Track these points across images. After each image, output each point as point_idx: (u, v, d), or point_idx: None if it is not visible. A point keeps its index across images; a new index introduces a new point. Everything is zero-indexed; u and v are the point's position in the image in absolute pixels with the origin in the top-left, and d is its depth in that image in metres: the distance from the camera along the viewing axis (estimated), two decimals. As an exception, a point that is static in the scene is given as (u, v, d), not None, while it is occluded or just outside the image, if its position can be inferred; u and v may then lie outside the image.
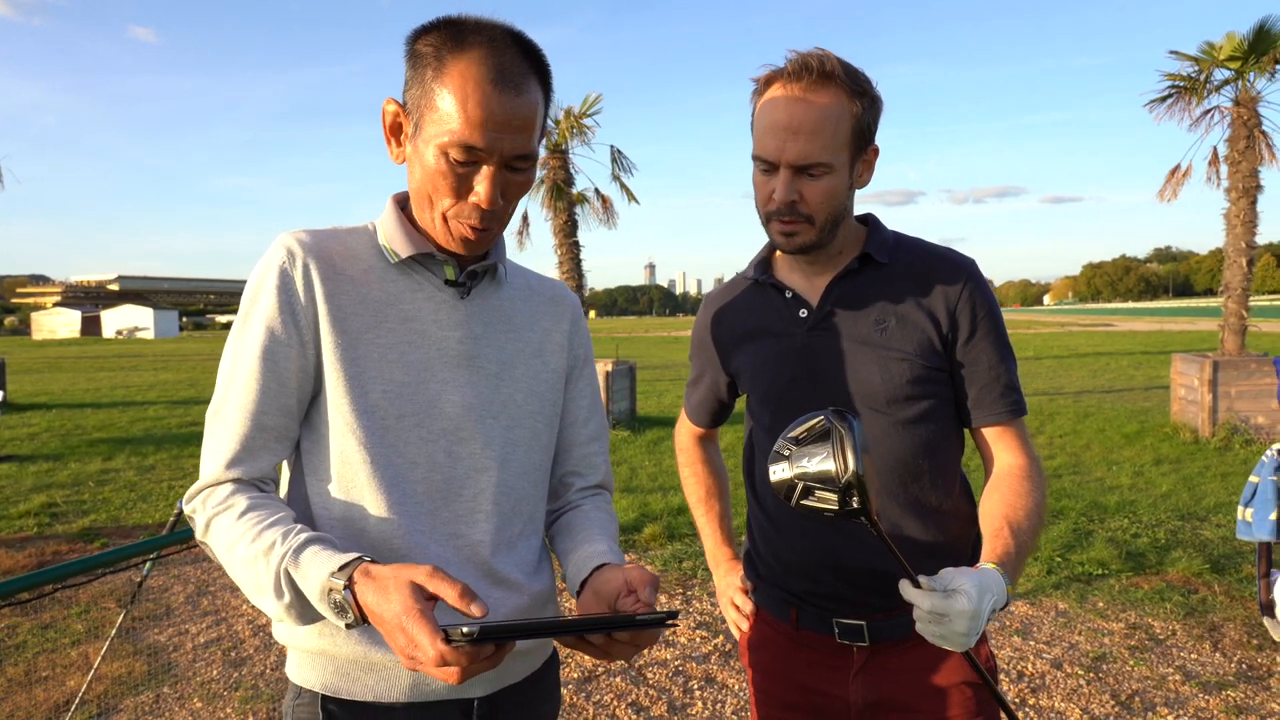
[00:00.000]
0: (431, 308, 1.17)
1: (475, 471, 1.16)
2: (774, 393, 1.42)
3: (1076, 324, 53.61)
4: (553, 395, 1.28)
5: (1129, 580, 4.60)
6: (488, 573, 1.16)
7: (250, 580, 1.01)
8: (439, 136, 1.06)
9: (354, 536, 1.11)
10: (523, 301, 1.27)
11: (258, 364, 1.09)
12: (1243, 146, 9.06)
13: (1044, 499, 1.34)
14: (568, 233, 11.56)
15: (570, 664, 3.72)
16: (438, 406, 1.14)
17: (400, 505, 1.11)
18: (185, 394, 16.93)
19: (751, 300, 1.48)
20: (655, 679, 3.56)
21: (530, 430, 1.23)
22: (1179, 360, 9.51)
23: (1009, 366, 1.38)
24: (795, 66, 1.26)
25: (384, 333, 1.13)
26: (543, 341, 1.27)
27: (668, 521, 5.88)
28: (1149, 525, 5.63)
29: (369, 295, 1.14)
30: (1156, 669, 3.54)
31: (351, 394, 1.10)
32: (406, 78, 1.10)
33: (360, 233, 1.20)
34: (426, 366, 1.15)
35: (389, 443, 1.11)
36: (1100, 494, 6.51)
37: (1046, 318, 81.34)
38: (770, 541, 1.46)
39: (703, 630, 4.07)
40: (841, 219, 1.34)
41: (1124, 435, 9.23)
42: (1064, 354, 23.78)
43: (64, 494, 7.43)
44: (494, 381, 1.19)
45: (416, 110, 1.09)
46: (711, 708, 3.31)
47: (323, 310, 1.11)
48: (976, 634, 1.08)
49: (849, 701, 1.38)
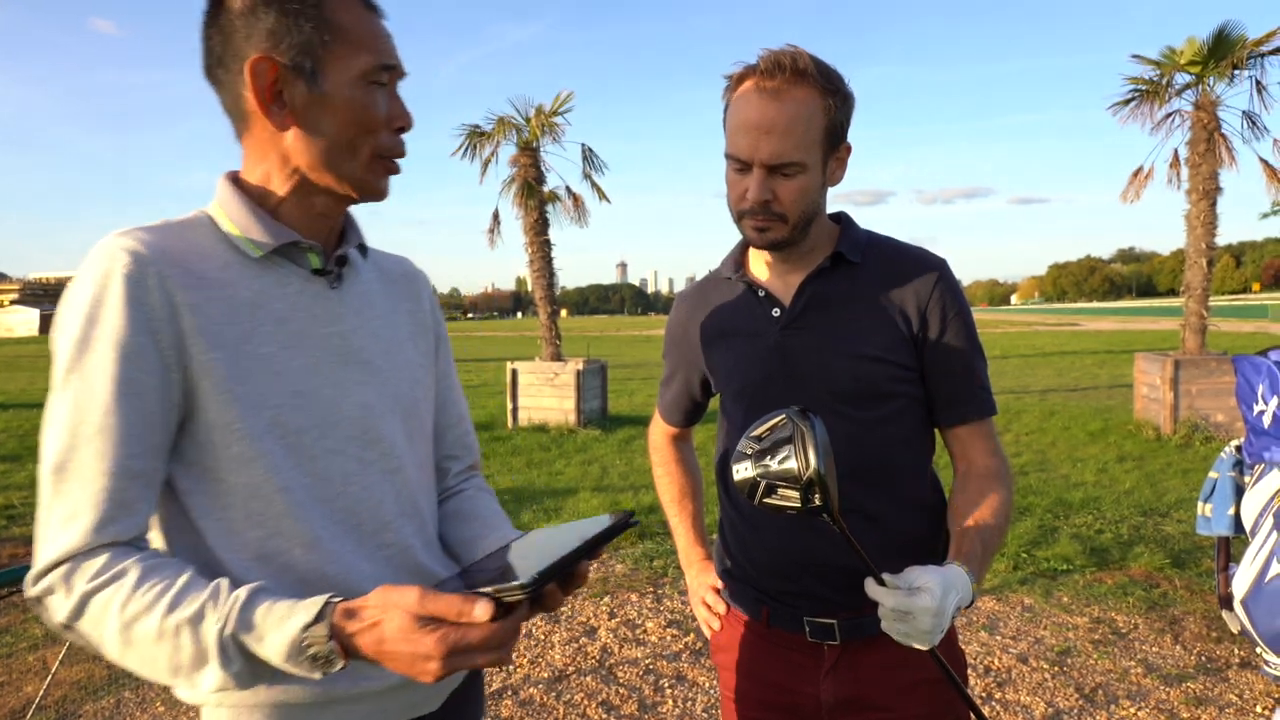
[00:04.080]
0: (305, 303, 1.06)
1: (388, 474, 1.09)
2: (747, 391, 1.41)
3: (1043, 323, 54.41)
4: (429, 380, 1.23)
5: (1093, 575, 4.67)
6: (423, 576, 1.11)
7: (167, 657, 0.86)
8: (361, 66, 1.01)
9: (276, 575, 0.99)
10: (381, 284, 1.20)
11: (114, 398, 0.91)
12: (1203, 149, 9.23)
13: (1010, 498, 1.36)
14: (539, 231, 11.50)
15: (541, 664, 3.70)
16: (338, 412, 1.05)
17: (324, 528, 1.02)
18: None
19: (724, 298, 1.48)
20: (626, 678, 3.55)
21: (420, 421, 1.18)
22: (1141, 359, 9.68)
23: (979, 366, 1.39)
24: (768, 64, 1.25)
25: (262, 340, 1.01)
26: (410, 325, 1.22)
27: (638, 519, 5.87)
28: (1112, 521, 5.72)
29: (236, 298, 1.00)
30: (1119, 662, 3.59)
31: (244, 416, 0.97)
32: (270, 30, 0.98)
33: (197, 225, 1.04)
34: (316, 371, 1.04)
35: (297, 463, 1.01)
36: (1065, 490, 6.61)
37: (1013, 317, 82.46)
38: (743, 540, 1.46)
39: (673, 629, 4.07)
40: (814, 217, 1.34)
41: (1088, 433, 9.37)
42: (1030, 353, 24.11)
43: (21, 495, 7.26)
44: (381, 376, 1.12)
45: (308, 55, 0.99)
46: (682, 706, 3.31)
47: (187, 324, 0.95)
48: (941, 631, 1.08)
49: (820, 700, 1.38)
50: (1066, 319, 66.19)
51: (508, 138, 11.32)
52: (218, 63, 1.02)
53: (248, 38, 0.99)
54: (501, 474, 7.88)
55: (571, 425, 10.48)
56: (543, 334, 11.54)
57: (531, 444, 9.38)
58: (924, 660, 1.32)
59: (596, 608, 4.37)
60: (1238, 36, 8.93)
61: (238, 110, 1.03)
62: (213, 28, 1.02)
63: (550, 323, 11.51)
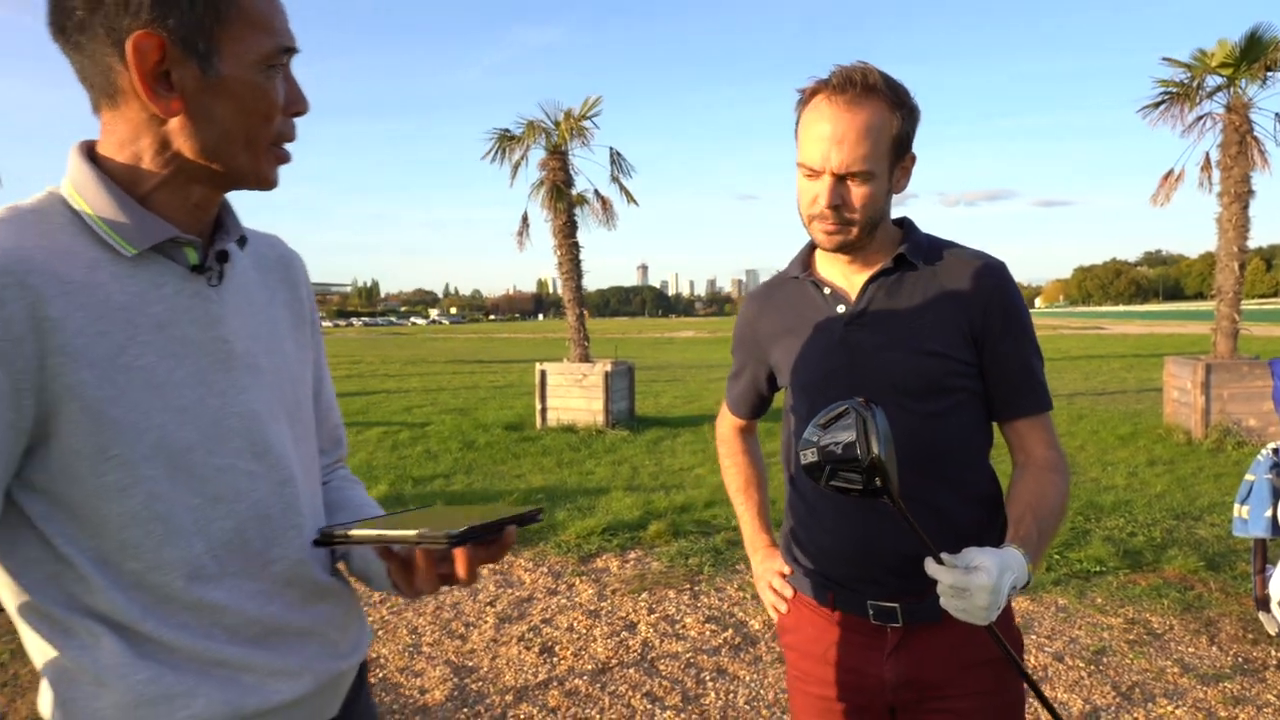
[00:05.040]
0: (184, 305, 0.95)
1: (278, 485, 1.00)
2: (812, 384, 1.49)
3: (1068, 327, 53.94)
4: (309, 376, 1.14)
5: (1126, 577, 4.70)
6: (315, 589, 1.05)
7: None
8: (260, 50, 0.91)
9: (157, 604, 0.91)
10: (258, 274, 1.08)
11: None
12: (1234, 152, 9.19)
13: (1067, 489, 1.43)
14: (567, 233, 11.63)
15: (584, 657, 3.80)
16: (225, 425, 0.96)
17: (209, 554, 0.93)
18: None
19: (792, 297, 1.56)
20: (668, 670, 3.64)
21: (305, 423, 1.10)
22: (1171, 363, 9.64)
23: (1036, 364, 1.47)
24: (840, 80, 1.34)
25: (139, 350, 0.90)
26: (289, 317, 1.12)
27: (672, 519, 5.96)
28: (1145, 524, 5.74)
29: (108, 304, 0.88)
30: (1155, 662, 3.64)
31: (122, 441, 0.87)
32: (150, 2, 0.85)
33: (52, 214, 0.91)
34: (200, 380, 0.94)
35: (183, 485, 0.91)
36: (1096, 494, 6.62)
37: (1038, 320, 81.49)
38: (808, 528, 1.54)
39: (712, 624, 4.15)
40: (880, 221, 1.43)
41: (1118, 437, 9.34)
42: (1056, 356, 23.96)
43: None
44: (265, 379, 1.02)
45: (202, 34, 0.88)
46: (725, 698, 3.39)
47: (51, 342, 0.84)
48: (997, 609, 1.16)
49: (883, 679, 1.45)
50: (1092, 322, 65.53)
51: (537, 141, 11.46)
52: (78, 26, 0.87)
53: (124, 7, 0.85)
54: (533, 473, 7.99)
55: (600, 426, 10.58)
56: (571, 335, 11.66)
57: (561, 444, 9.49)
58: (983, 641, 1.40)
59: (635, 603, 4.46)
60: (1270, 39, 8.89)
61: (105, 83, 0.90)
62: None
63: (579, 324, 11.63)
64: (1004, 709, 1.43)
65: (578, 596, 4.61)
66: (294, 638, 1.02)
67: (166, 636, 0.92)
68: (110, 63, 0.88)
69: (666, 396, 14.54)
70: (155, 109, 0.89)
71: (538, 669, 3.68)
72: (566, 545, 5.48)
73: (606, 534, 5.70)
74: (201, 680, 0.93)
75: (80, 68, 0.91)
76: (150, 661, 0.91)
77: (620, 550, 5.42)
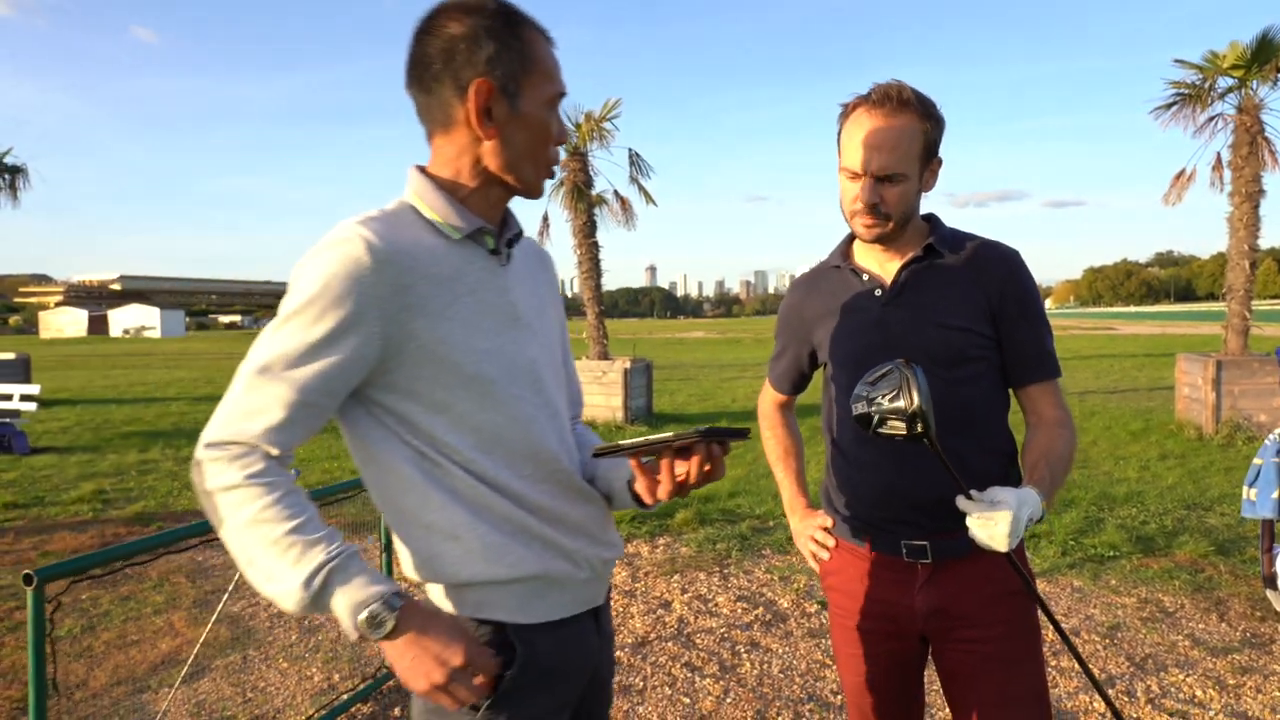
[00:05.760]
0: (487, 277, 1.28)
1: (551, 416, 1.33)
2: (852, 358, 1.70)
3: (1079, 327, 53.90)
4: (563, 340, 1.49)
5: (1139, 561, 4.89)
6: (582, 493, 1.36)
7: (268, 559, 1.09)
8: (547, 94, 1.26)
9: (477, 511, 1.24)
10: (526, 261, 1.41)
11: (318, 344, 1.14)
12: (1245, 153, 9.35)
13: (1074, 441, 1.65)
14: (587, 233, 11.85)
15: (623, 631, 4.01)
16: (515, 365, 1.28)
17: (511, 456, 1.26)
18: (204, 390, 17.22)
19: (834, 283, 1.77)
20: (704, 644, 3.85)
21: (560, 375, 1.43)
22: (1183, 360, 9.80)
23: (1046, 337, 1.68)
24: (879, 95, 1.57)
25: (459, 308, 1.23)
26: (549, 294, 1.46)
27: (698, 508, 6.17)
28: (1156, 513, 5.92)
29: (440, 274, 1.22)
30: (1167, 636, 3.83)
31: (446, 370, 1.21)
32: (489, 57, 1.19)
33: (405, 214, 1.26)
34: (498, 332, 1.27)
35: (491, 406, 1.24)
36: (1109, 486, 6.80)
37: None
38: (849, 480, 1.74)
39: (743, 603, 4.36)
40: (912, 216, 1.65)
41: (1129, 432, 9.51)
42: (1067, 356, 24.06)
43: (110, 482, 7.73)
44: (539, 336, 1.35)
45: (514, 81, 1.22)
46: (760, 667, 3.60)
47: (408, 299, 1.18)
48: (1017, 537, 1.39)
49: (915, 610, 1.66)
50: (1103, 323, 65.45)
51: (557, 143, 11.68)
52: (434, 76, 1.22)
53: (469, 61, 1.20)
54: (558, 466, 8.20)
55: (619, 422, 10.80)
56: (590, 334, 11.88)
57: (583, 439, 9.69)
58: (1004, 575, 1.61)
59: (668, 584, 4.67)
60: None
61: (443, 116, 1.24)
62: (432, 46, 1.22)
63: (598, 323, 11.85)
64: (1023, 634, 1.63)
65: (612, 578, 4.82)
66: (572, 528, 1.34)
67: (496, 506, 1.26)
68: (451, 101, 1.23)
69: (681, 394, 14.75)
70: (481, 135, 1.23)
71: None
72: (597, 532, 5.68)
73: (634, 522, 5.91)
74: (515, 542, 1.27)
75: (425, 107, 1.27)
76: (486, 525, 1.25)
77: (650, 536, 5.63)
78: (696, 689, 3.41)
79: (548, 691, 1.31)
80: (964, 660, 1.63)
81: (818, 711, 3.20)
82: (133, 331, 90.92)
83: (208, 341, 59.50)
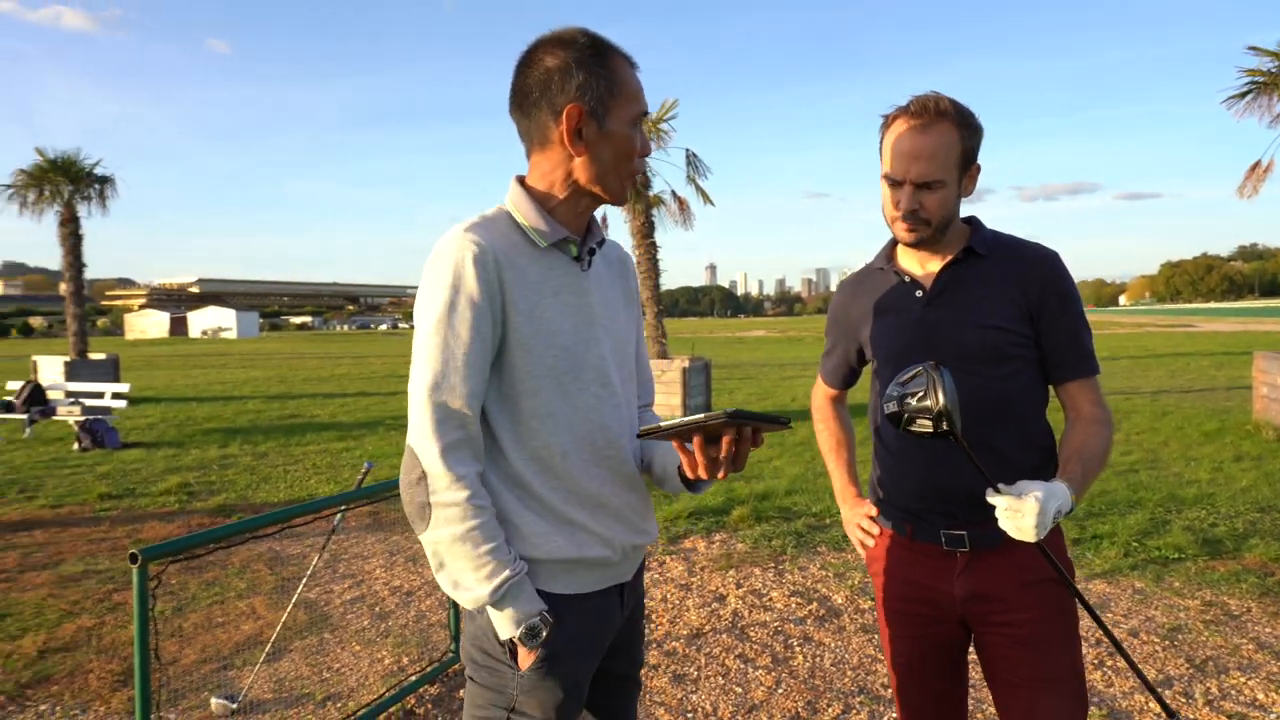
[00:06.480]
0: (569, 282, 1.46)
1: (615, 407, 1.50)
2: (895, 355, 1.78)
3: (1154, 325, 52.07)
4: (634, 339, 1.64)
5: (1205, 564, 4.80)
6: (631, 481, 1.53)
7: (461, 571, 1.35)
8: (632, 113, 1.42)
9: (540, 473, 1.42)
10: (605, 266, 1.58)
11: (471, 341, 1.35)
12: (1328, 143, 9.01)
13: (1111, 437, 1.71)
14: (645, 234, 11.99)
15: (679, 623, 4.12)
16: (587, 361, 1.45)
17: (572, 444, 1.44)
18: (278, 389, 17.88)
19: (878, 284, 1.86)
20: (757, 637, 3.94)
21: (629, 369, 1.60)
22: (1261, 358, 9.48)
23: (1085, 336, 1.73)
24: (918, 107, 1.66)
25: (545, 308, 1.41)
26: (623, 298, 1.61)
27: (754, 505, 6.25)
28: (1227, 516, 5.78)
29: (529, 277, 1.41)
30: (1230, 639, 3.77)
31: (532, 362, 1.40)
32: (580, 85, 1.37)
33: (502, 220, 1.44)
34: (576, 331, 1.44)
35: (562, 396, 1.43)
36: (1178, 487, 6.65)
37: (1122, 318, 79.00)
38: (893, 473, 1.82)
39: (797, 598, 4.43)
40: (951, 220, 1.72)
41: (1203, 433, 9.24)
42: (1140, 354, 23.34)
43: (194, 476, 8.14)
44: (611, 335, 1.51)
45: (602, 105, 1.39)
46: (812, 660, 3.67)
47: (506, 295, 1.37)
48: (1045, 528, 1.46)
49: (954, 595, 1.73)
50: (1180, 320, 63.05)
51: (617, 145, 11.85)
52: (533, 103, 1.42)
53: (562, 89, 1.39)
54: (617, 464, 8.34)
55: (678, 420, 10.89)
56: (649, 333, 12.02)
57: (641, 437, 9.82)
58: (1039, 565, 1.67)
59: (724, 579, 4.76)
60: (1366, 27, 8.69)
61: (540, 136, 1.43)
62: (531, 77, 1.41)
63: (656, 322, 11.97)
64: (1057, 618, 1.69)
65: (669, 573, 4.94)
66: (612, 515, 1.50)
67: (544, 495, 1.43)
68: (547, 123, 1.41)
69: (741, 393, 14.77)
70: (572, 152, 1.41)
71: (637, 633, 4.01)
72: (655, 527, 5.80)
73: (692, 518, 6.02)
74: (557, 529, 1.44)
75: (525, 128, 1.46)
76: (531, 513, 1.44)
77: (706, 533, 5.73)
78: (749, 679, 3.50)
79: (570, 657, 1.45)
80: (1000, 643, 1.70)
81: (868, 704, 3.26)
82: (210, 333, 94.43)
83: (280, 342, 61.53)
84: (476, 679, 1.47)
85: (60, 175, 16.23)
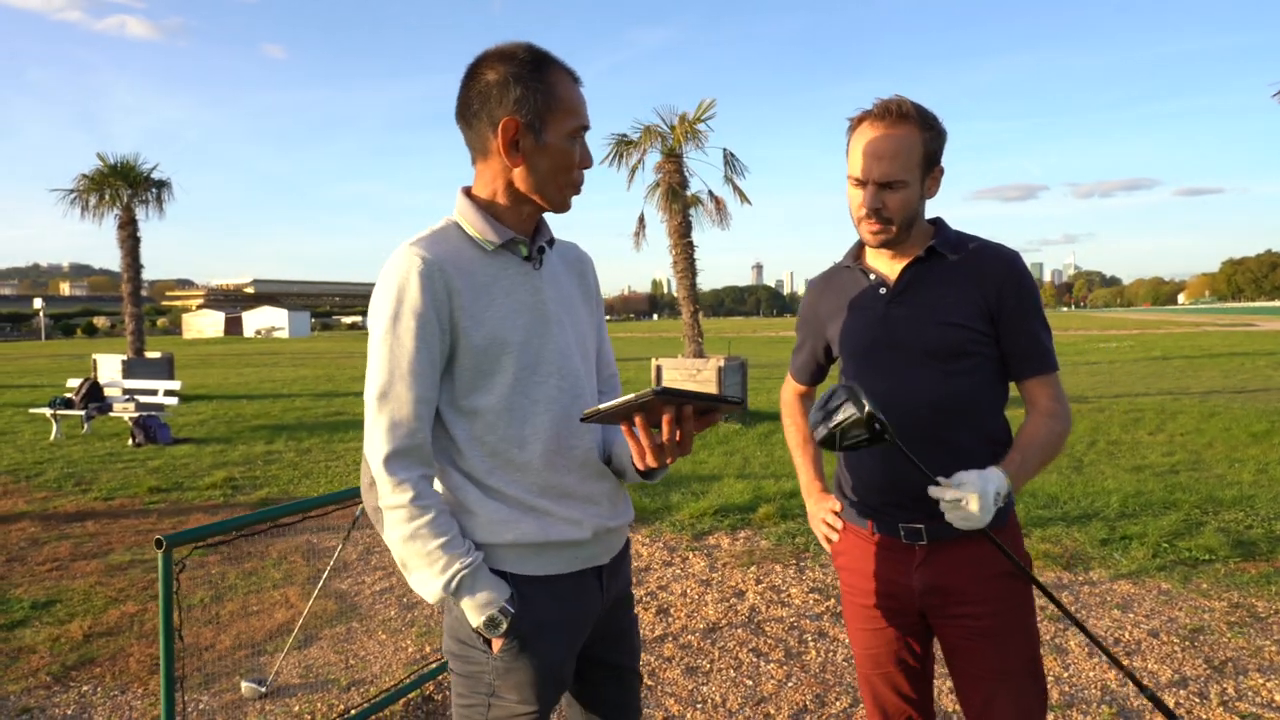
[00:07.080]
0: (520, 281, 1.52)
1: (575, 398, 1.54)
2: (859, 351, 1.83)
3: (1214, 324, 50.53)
4: (594, 333, 1.69)
5: (1236, 565, 4.72)
6: (597, 471, 1.58)
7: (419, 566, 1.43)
8: (569, 127, 1.47)
9: (500, 467, 1.48)
10: (562, 265, 1.64)
11: (415, 350, 1.42)
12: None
13: (1063, 431, 1.75)
14: (682, 234, 12.04)
15: (696, 618, 4.19)
16: (543, 356, 1.51)
17: (532, 435, 1.50)
18: (325, 387, 18.31)
19: (845, 282, 1.91)
20: (773, 632, 3.98)
21: (590, 362, 1.65)
22: (1313, 357, 9.19)
23: (1044, 334, 1.78)
24: (881, 110, 1.71)
25: (496, 308, 1.47)
26: (580, 294, 1.66)
27: (780, 503, 6.28)
28: (1265, 518, 5.66)
29: (479, 281, 1.47)
30: (1254, 641, 3.72)
31: (486, 361, 1.46)
32: (517, 99, 1.43)
33: (450, 231, 1.51)
34: (530, 328, 1.50)
35: (520, 390, 1.49)
36: (1218, 489, 6.51)
37: (1180, 317, 76.81)
38: (854, 471, 1.88)
39: (816, 594, 4.46)
40: (914, 220, 1.77)
41: (1251, 434, 9.01)
42: (1195, 354, 22.71)
43: (239, 470, 8.42)
44: (567, 330, 1.56)
45: (539, 118, 1.44)
46: (825, 655, 3.71)
47: (455, 303, 1.44)
48: (989, 512, 1.52)
49: (913, 588, 1.77)
50: (1241, 319, 61.07)
51: (653, 145, 11.91)
52: (474, 114, 1.49)
53: (500, 103, 1.45)
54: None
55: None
56: (686, 332, 12.07)
57: (675, 436, 9.88)
58: (995, 558, 1.71)
59: (744, 575, 4.81)
60: None
61: (480, 146, 1.50)
62: (473, 90, 1.48)
63: (693, 321, 12.02)
64: (1013, 610, 1.73)
65: (691, 568, 5.01)
66: (581, 500, 1.56)
67: (504, 489, 1.50)
68: (487, 134, 1.48)
69: (778, 392, 14.73)
70: (509, 163, 1.48)
71: (654, 626, 4.09)
72: (680, 524, 5.88)
73: (718, 515, 6.07)
74: (522, 516, 1.50)
75: (469, 138, 1.53)
76: (495, 502, 1.50)
77: (731, 530, 5.78)
78: (760, 673, 3.55)
79: (547, 638, 1.51)
80: (958, 635, 1.74)
81: (877, 698, 3.29)
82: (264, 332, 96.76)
83: (331, 341, 62.83)
84: (456, 669, 1.54)
85: (119, 180, 16.81)
